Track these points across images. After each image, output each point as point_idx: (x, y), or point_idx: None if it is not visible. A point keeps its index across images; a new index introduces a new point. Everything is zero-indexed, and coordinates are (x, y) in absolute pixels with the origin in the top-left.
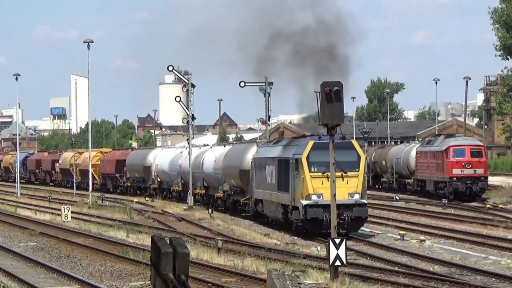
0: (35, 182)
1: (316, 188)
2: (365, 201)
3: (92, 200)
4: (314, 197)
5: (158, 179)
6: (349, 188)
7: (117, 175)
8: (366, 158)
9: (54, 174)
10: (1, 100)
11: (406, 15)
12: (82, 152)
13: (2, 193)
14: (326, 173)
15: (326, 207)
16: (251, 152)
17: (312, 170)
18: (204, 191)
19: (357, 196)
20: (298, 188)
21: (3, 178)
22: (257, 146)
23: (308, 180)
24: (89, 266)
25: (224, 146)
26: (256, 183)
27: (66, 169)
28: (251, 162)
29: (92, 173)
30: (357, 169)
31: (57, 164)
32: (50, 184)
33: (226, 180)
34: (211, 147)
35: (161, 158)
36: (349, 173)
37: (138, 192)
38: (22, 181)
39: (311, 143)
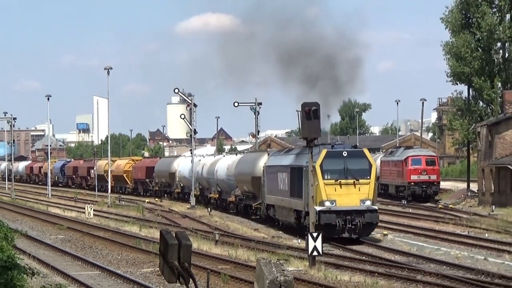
0: (72, 186)
1: (329, 194)
2: (376, 207)
3: (111, 200)
4: (327, 203)
5: (181, 184)
6: (360, 194)
7: (147, 180)
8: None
9: (89, 179)
10: (35, 116)
11: (374, 47)
12: (115, 160)
13: (36, 194)
14: (339, 180)
15: (339, 213)
16: (263, 160)
17: (326, 177)
18: (217, 195)
19: (368, 203)
20: (311, 194)
21: (43, 183)
22: (268, 154)
23: (321, 187)
24: (108, 255)
25: (236, 155)
26: (267, 189)
27: (100, 175)
28: (263, 169)
29: (125, 178)
30: (369, 177)
31: (92, 171)
32: (86, 188)
33: (238, 186)
34: (224, 156)
35: (183, 165)
36: (361, 181)
37: (165, 195)
38: (60, 185)
39: (324, 152)
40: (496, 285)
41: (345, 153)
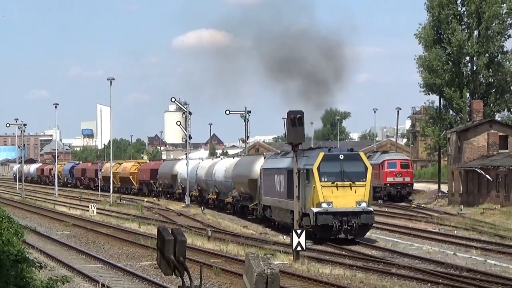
0: (80, 187)
1: (326, 196)
2: (371, 208)
3: (113, 199)
4: (324, 205)
5: (182, 185)
6: (357, 196)
7: (151, 181)
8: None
9: (97, 181)
10: (44, 123)
11: (354, 60)
12: (121, 163)
13: (44, 194)
14: (336, 182)
15: (336, 214)
16: (259, 163)
17: (323, 179)
18: (215, 196)
19: (364, 204)
20: (309, 196)
21: (53, 183)
22: (264, 158)
23: (319, 189)
24: (110, 249)
25: (233, 158)
26: (264, 191)
27: (107, 177)
28: (260, 172)
29: (131, 179)
30: (364, 179)
31: (100, 173)
32: (93, 188)
33: (235, 187)
34: (221, 159)
35: (184, 168)
36: (357, 183)
37: (167, 195)
38: (69, 186)
39: (321, 155)
40: (464, 277)
41: (341, 156)
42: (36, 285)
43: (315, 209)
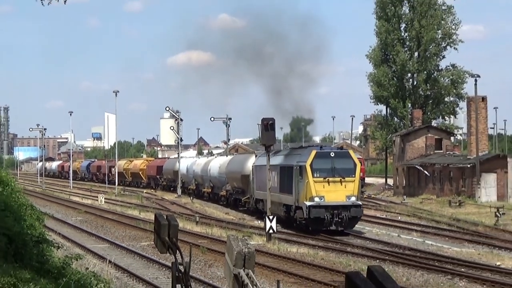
0: (95, 181)
1: (319, 191)
2: (360, 202)
3: (118, 191)
4: (316, 199)
5: (182, 180)
6: (346, 191)
7: (158, 176)
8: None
9: (110, 176)
10: (61, 127)
11: (316, 76)
12: (132, 161)
13: (61, 186)
14: (327, 178)
15: (327, 207)
16: (251, 161)
17: (315, 175)
18: (210, 190)
19: (353, 198)
20: (302, 191)
21: (72, 177)
22: (256, 156)
23: (311, 184)
24: (115, 232)
25: (227, 156)
26: (256, 186)
27: (120, 172)
28: (252, 168)
29: (141, 174)
30: (354, 175)
31: (113, 169)
32: (107, 182)
33: (228, 182)
34: (216, 157)
35: (183, 164)
36: (346, 178)
37: (171, 189)
38: (86, 180)
39: (314, 152)
40: (406, 255)
41: (332, 154)
42: (54, 262)
43: (308, 203)
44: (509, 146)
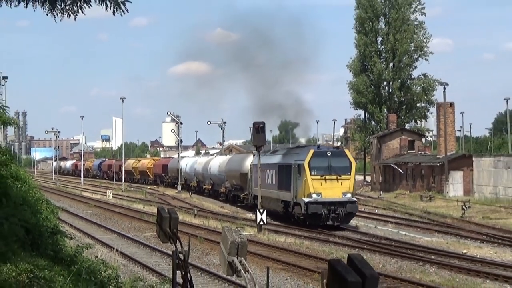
0: (106, 178)
1: (316, 188)
2: (355, 199)
3: (124, 187)
4: (314, 196)
5: (184, 178)
6: (342, 188)
7: (163, 174)
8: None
9: (120, 174)
10: (73, 130)
11: (301, 84)
12: (140, 160)
13: (74, 183)
14: (324, 176)
15: (324, 203)
16: (249, 160)
17: (313, 173)
18: (210, 186)
19: (349, 195)
20: (300, 188)
21: (85, 175)
22: (254, 155)
23: (309, 181)
24: (122, 224)
25: (226, 155)
26: (255, 183)
27: (129, 170)
28: (250, 167)
29: (148, 172)
30: (349, 173)
31: (122, 167)
32: (118, 180)
33: (227, 180)
34: (215, 156)
35: (185, 163)
36: (343, 176)
37: (175, 185)
38: (97, 177)
39: (311, 152)
40: (382, 244)
41: (329, 153)
42: (67, 251)
43: (306, 199)
44: (474, 147)
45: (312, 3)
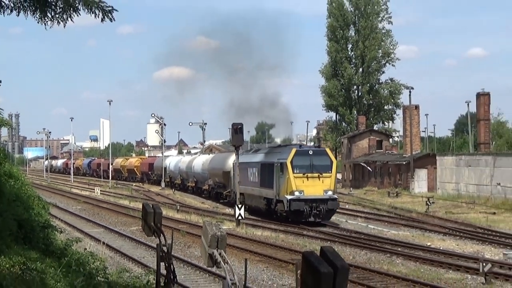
0: (95, 176)
1: (298, 185)
2: (336, 196)
3: (111, 184)
4: (296, 193)
5: (169, 176)
6: (324, 186)
7: (150, 172)
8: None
9: (108, 172)
10: (63, 131)
11: (279, 88)
12: (128, 158)
13: (64, 180)
14: (306, 174)
15: (306, 201)
16: (232, 159)
17: (295, 171)
18: (194, 184)
19: (330, 193)
20: (282, 185)
21: (75, 173)
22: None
23: (292, 179)
24: (109, 219)
25: (209, 154)
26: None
27: (117, 169)
28: (232, 165)
29: (135, 170)
30: (330, 171)
31: (111, 166)
32: (106, 178)
33: (210, 178)
34: (199, 155)
35: (170, 162)
36: (324, 174)
37: (160, 183)
38: (87, 175)
39: (294, 150)
40: (352, 237)
41: (310, 152)
42: (57, 244)
43: (289, 197)
44: (438, 147)
45: (289, 11)
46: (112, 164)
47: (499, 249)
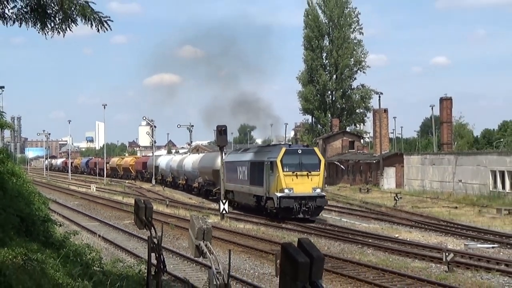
0: (92, 174)
1: (288, 183)
2: (324, 194)
3: (106, 181)
4: (286, 191)
5: (161, 174)
6: (312, 184)
7: (143, 170)
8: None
9: (105, 170)
10: (62, 132)
11: (260, 93)
12: (124, 158)
13: (62, 178)
14: (296, 172)
15: (296, 198)
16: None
17: (285, 170)
18: (184, 182)
19: (318, 190)
20: (272, 183)
21: (74, 171)
22: (225, 153)
23: (282, 177)
24: (104, 213)
25: (199, 154)
26: (226, 179)
27: (114, 167)
28: (222, 164)
29: (130, 169)
30: (318, 170)
31: (108, 164)
32: (102, 176)
33: (200, 176)
34: (189, 154)
35: (161, 161)
36: (312, 172)
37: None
38: (84, 173)
39: (283, 150)
40: (327, 229)
41: (300, 151)
42: (57, 236)
43: (279, 194)
44: (405, 147)
45: (272, 22)
46: (108, 163)
47: (460, 240)
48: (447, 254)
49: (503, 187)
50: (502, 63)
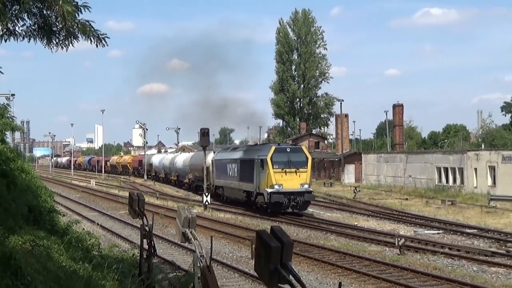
0: (93, 171)
1: (278, 179)
2: (311, 189)
3: (104, 177)
4: (276, 187)
5: (155, 170)
6: (300, 180)
7: (139, 167)
8: (313, 158)
9: (106, 168)
10: (65, 134)
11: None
12: (122, 156)
13: (65, 174)
14: (285, 169)
15: (285, 193)
16: (210, 156)
17: (275, 167)
18: (176, 178)
19: (306, 186)
20: (263, 179)
21: (77, 169)
22: (214, 152)
23: (272, 174)
24: (102, 205)
25: (189, 153)
26: (216, 175)
27: (113, 165)
28: (212, 162)
29: (128, 166)
30: (306, 167)
31: (108, 162)
32: (104, 173)
33: (191, 172)
34: (180, 153)
35: (155, 159)
36: (300, 169)
37: (148, 177)
38: (87, 170)
39: (273, 148)
40: (296, 218)
41: (288, 149)
42: (61, 225)
43: (269, 190)
44: (363, 147)
45: (251, 39)
46: (109, 161)
47: (410, 227)
48: (399, 239)
49: (447, 181)
50: (446, 75)
